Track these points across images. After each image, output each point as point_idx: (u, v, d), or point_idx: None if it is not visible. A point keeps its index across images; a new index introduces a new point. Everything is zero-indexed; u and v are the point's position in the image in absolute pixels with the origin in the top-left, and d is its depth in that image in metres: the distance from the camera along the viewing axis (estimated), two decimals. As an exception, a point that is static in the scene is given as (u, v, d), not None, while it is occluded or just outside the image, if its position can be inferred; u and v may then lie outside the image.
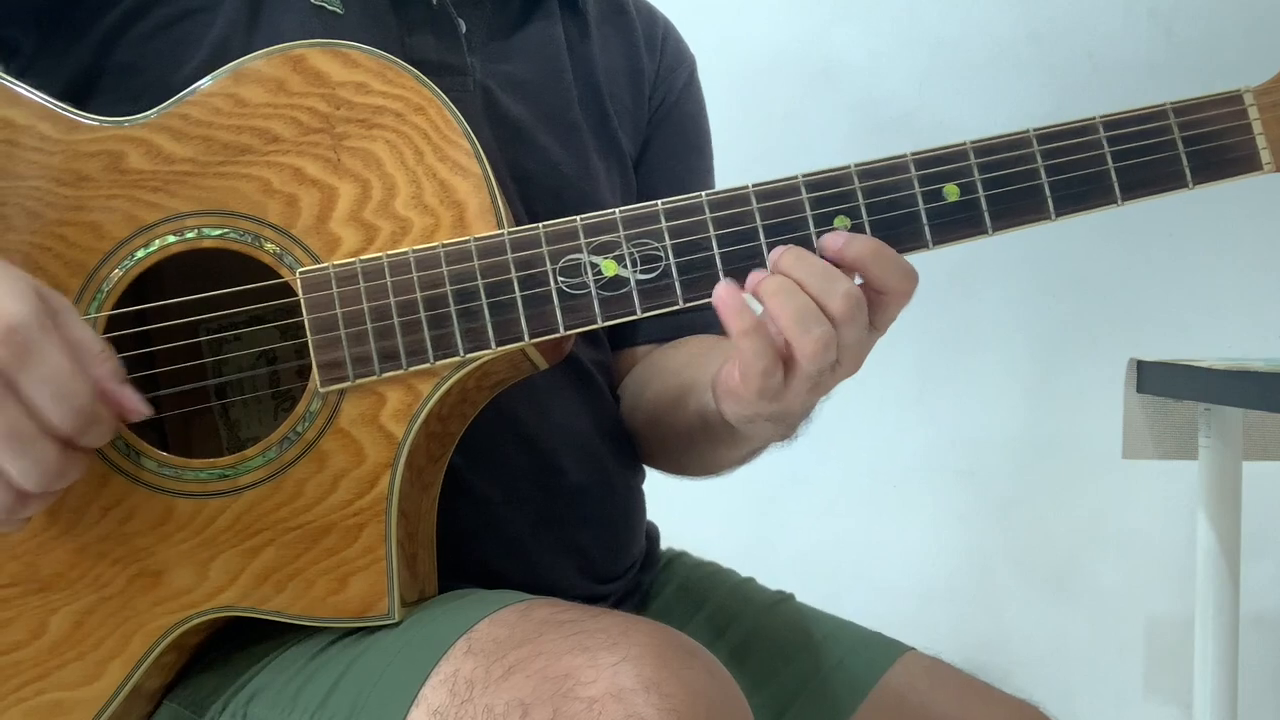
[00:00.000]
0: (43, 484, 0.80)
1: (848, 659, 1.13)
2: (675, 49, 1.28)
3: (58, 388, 0.79)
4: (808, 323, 0.85)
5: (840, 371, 0.89)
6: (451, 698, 0.79)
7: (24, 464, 0.79)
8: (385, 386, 0.89)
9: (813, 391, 0.89)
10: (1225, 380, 1.66)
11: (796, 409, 0.92)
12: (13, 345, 0.77)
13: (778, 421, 0.94)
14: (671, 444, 1.15)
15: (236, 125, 0.91)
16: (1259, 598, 2.25)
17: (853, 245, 0.87)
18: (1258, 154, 0.89)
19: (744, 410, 0.91)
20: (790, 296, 0.85)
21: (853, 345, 0.87)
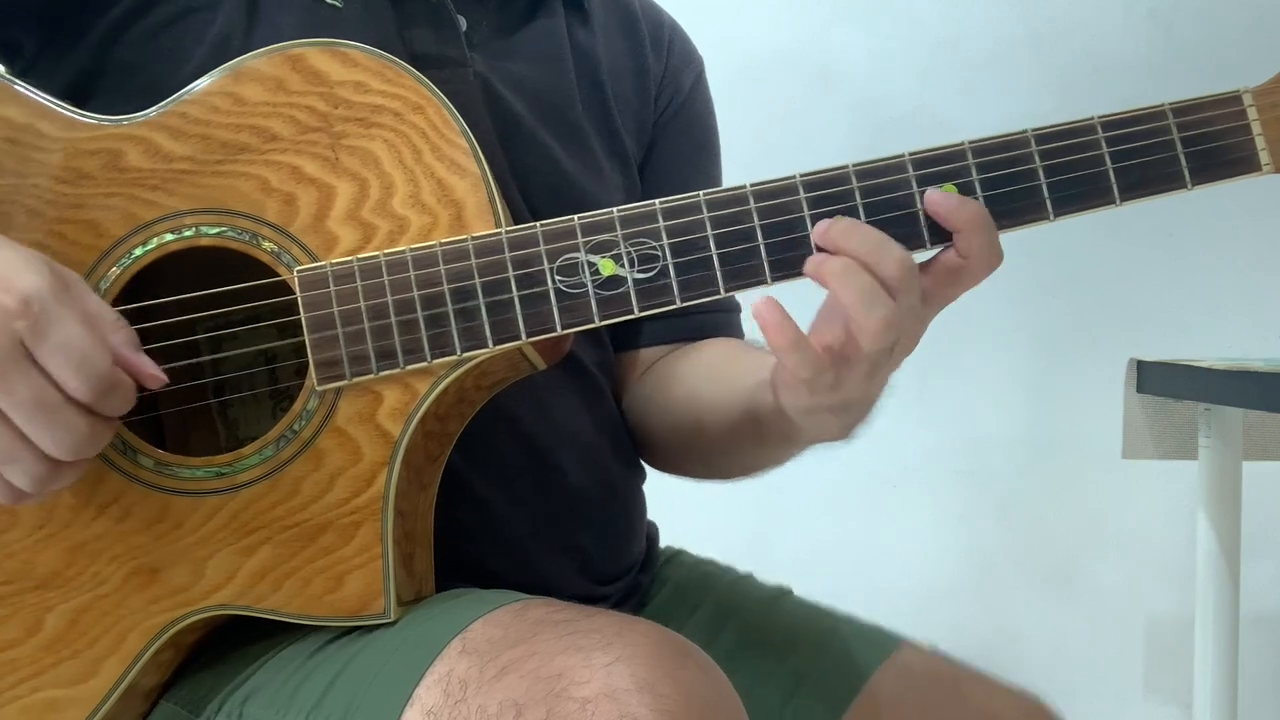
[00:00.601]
0: (75, 451, 0.81)
1: (846, 651, 1.13)
2: (682, 49, 1.27)
3: (76, 355, 0.80)
4: (873, 304, 0.85)
5: (898, 352, 0.89)
6: (445, 698, 0.79)
7: (55, 433, 0.80)
8: (382, 385, 0.89)
9: (871, 376, 0.89)
10: (1225, 380, 1.66)
11: (857, 397, 0.91)
12: (30, 316, 0.79)
13: (839, 413, 0.93)
14: (708, 446, 1.14)
15: (235, 124, 0.91)
16: (1259, 598, 2.25)
17: (967, 207, 0.87)
18: (1256, 155, 0.89)
19: (803, 402, 0.91)
20: (854, 277, 0.85)
21: (908, 318, 0.87)
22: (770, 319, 0.85)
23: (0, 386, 0.79)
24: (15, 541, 0.90)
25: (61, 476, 0.83)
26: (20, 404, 0.79)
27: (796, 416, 0.94)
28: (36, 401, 0.79)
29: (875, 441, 1.08)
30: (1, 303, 0.79)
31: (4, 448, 0.81)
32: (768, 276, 0.88)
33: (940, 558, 2.37)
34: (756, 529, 2.28)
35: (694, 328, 1.21)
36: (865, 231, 0.87)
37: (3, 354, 0.79)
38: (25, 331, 0.79)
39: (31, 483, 0.82)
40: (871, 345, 0.86)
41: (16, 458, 0.81)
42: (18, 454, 0.81)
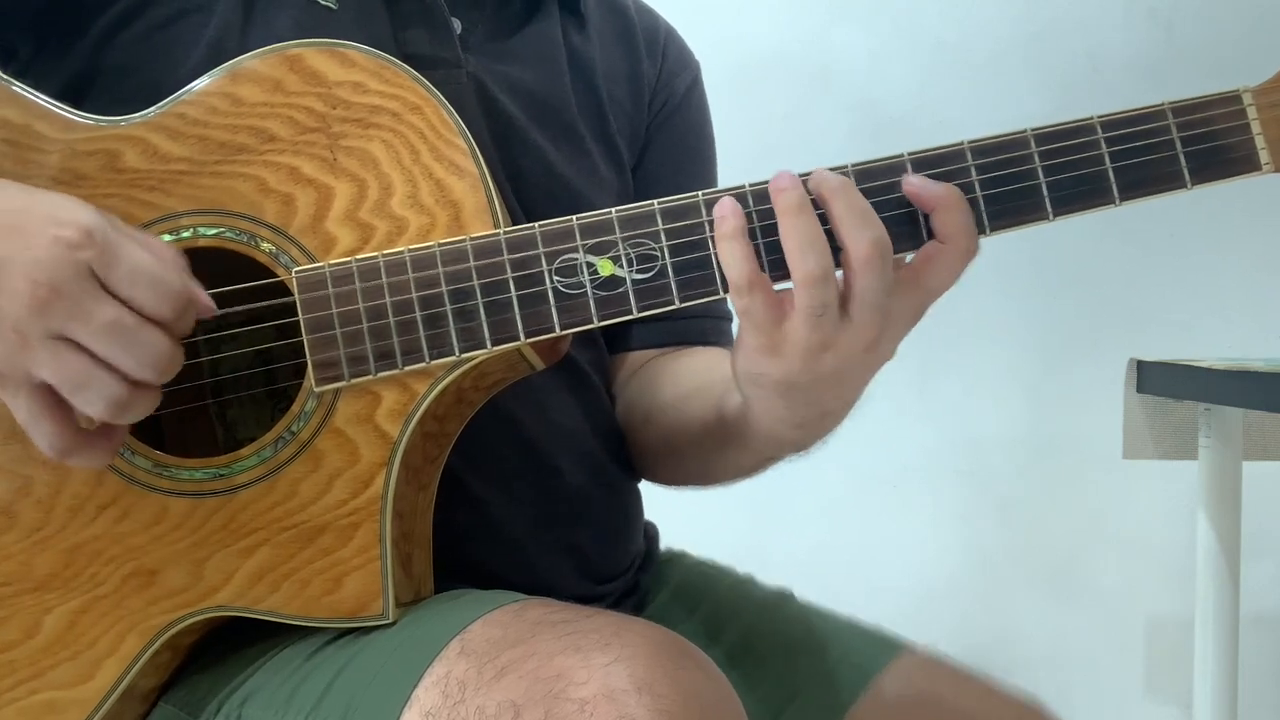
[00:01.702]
0: (158, 368, 0.82)
1: (846, 655, 1.12)
2: (678, 54, 1.27)
3: (149, 276, 0.81)
4: (809, 250, 0.83)
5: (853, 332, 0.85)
6: (444, 699, 0.79)
7: (138, 351, 0.81)
8: (381, 386, 0.89)
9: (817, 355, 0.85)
10: (1225, 380, 1.66)
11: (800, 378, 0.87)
12: (95, 246, 0.80)
13: (785, 396, 0.90)
14: (678, 447, 1.13)
15: (233, 124, 0.91)
16: (1259, 598, 2.25)
17: (941, 186, 0.86)
18: (1256, 154, 0.88)
19: (750, 365, 0.89)
20: (803, 219, 0.84)
21: (870, 304, 0.84)
22: (727, 208, 0.86)
23: (77, 315, 0.79)
24: (13, 543, 0.90)
25: (136, 404, 0.83)
26: (99, 330, 0.80)
27: (743, 384, 0.92)
28: (115, 325, 0.80)
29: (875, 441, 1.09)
30: (64, 237, 0.79)
31: (79, 371, 0.80)
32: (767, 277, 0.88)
33: (940, 558, 2.37)
34: (756, 529, 2.28)
35: (682, 332, 1.21)
36: (854, 199, 0.85)
37: (75, 283, 0.79)
38: (94, 260, 0.80)
39: (108, 407, 0.81)
40: (803, 299, 0.84)
41: (93, 380, 0.81)
42: (93, 379, 0.81)
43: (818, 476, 2.25)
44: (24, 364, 0.80)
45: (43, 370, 0.80)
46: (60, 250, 0.79)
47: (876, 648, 1.14)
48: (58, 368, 0.80)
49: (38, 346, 0.80)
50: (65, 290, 0.79)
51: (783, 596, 1.22)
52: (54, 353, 0.80)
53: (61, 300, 0.79)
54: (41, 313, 0.79)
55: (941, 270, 0.87)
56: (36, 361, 0.80)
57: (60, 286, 0.79)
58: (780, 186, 0.86)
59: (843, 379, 0.89)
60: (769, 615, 1.18)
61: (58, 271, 0.79)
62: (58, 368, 0.80)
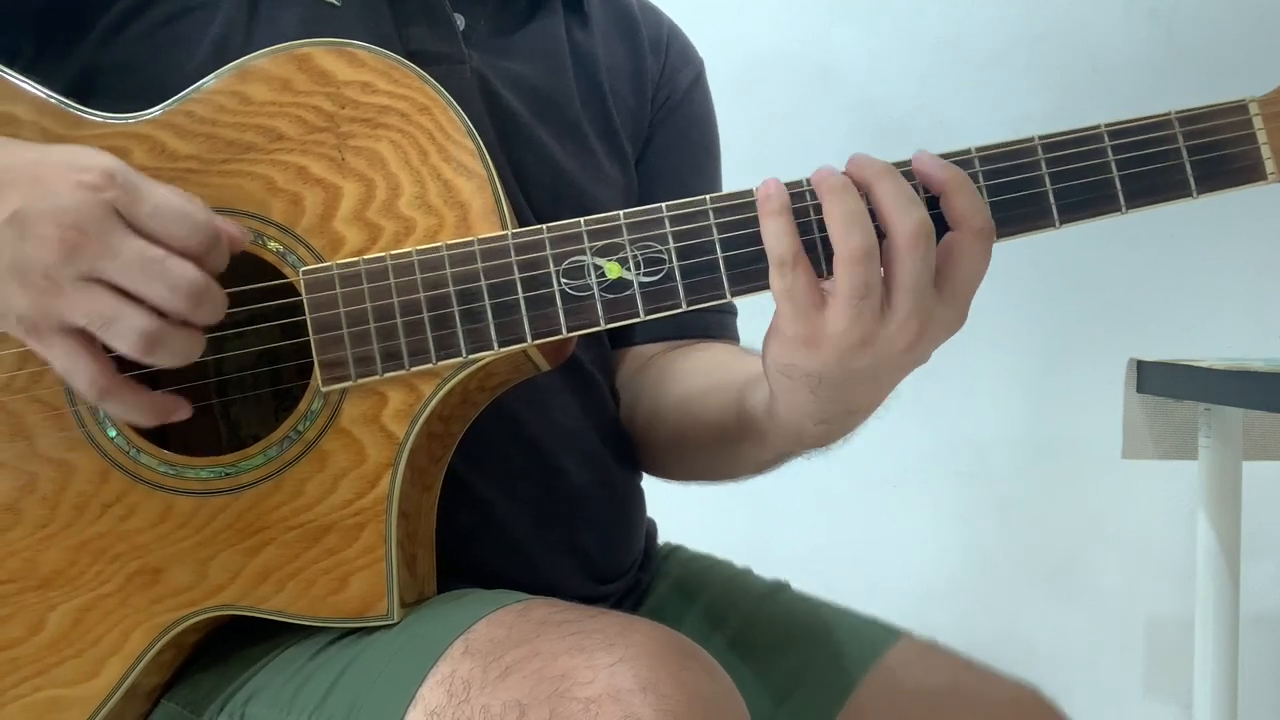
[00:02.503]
0: (190, 298, 0.82)
1: (844, 644, 1.13)
2: (681, 50, 1.28)
3: (176, 211, 0.82)
4: (853, 225, 0.82)
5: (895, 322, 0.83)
6: (449, 698, 0.79)
7: (170, 281, 0.81)
8: (387, 386, 0.89)
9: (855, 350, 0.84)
10: (1225, 380, 1.66)
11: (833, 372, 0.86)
12: (117, 186, 0.81)
13: (815, 390, 0.88)
14: (690, 443, 1.13)
15: (241, 123, 0.91)
16: (1259, 598, 2.25)
17: (948, 168, 0.86)
18: (1262, 164, 0.88)
19: (783, 355, 0.87)
20: (847, 196, 0.84)
21: (913, 290, 0.83)
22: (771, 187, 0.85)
23: (106, 253, 0.80)
24: (18, 540, 0.90)
25: (170, 340, 0.83)
26: (130, 264, 0.80)
27: (772, 374, 0.90)
28: (144, 257, 0.80)
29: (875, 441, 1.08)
30: (85, 180, 0.80)
31: (110, 308, 0.81)
32: (773, 280, 0.88)
33: (940, 558, 2.37)
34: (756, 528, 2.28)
35: (688, 326, 1.20)
36: (899, 182, 0.84)
37: (102, 223, 0.80)
38: (118, 199, 0.80)
39: (140, 340, 0.81)
40: (844, 283, 0.82)
41: (124, 314, 0.81)
42: (125, 311, 0.81)
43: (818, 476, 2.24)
44: (57, 310, 0.81)
45: (75, 313, 0.81)
46: (84, 194, 0.80)
47: (875, 635, 1.14)
48: (89, 305, 0.81)
49: (69, 290, 0.80)
50: (92, 231, 0.80)
51: (780, 587, 1.22)
52: (85, 291, 0.80)
53: (90, 241, 0.79)
54: (71, 256, 0.79)
55: (964, 257, 0.85)
56: (69, 305, 0.81)
57: (87, 228, 0.79)
58: (824, 172, 0.85)
59: (876, 378, 0.88)
60: (768, 605, 1.18)
61: (84, 214, 0.80)
62: (89, 305, 0.81)
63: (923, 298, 0.83)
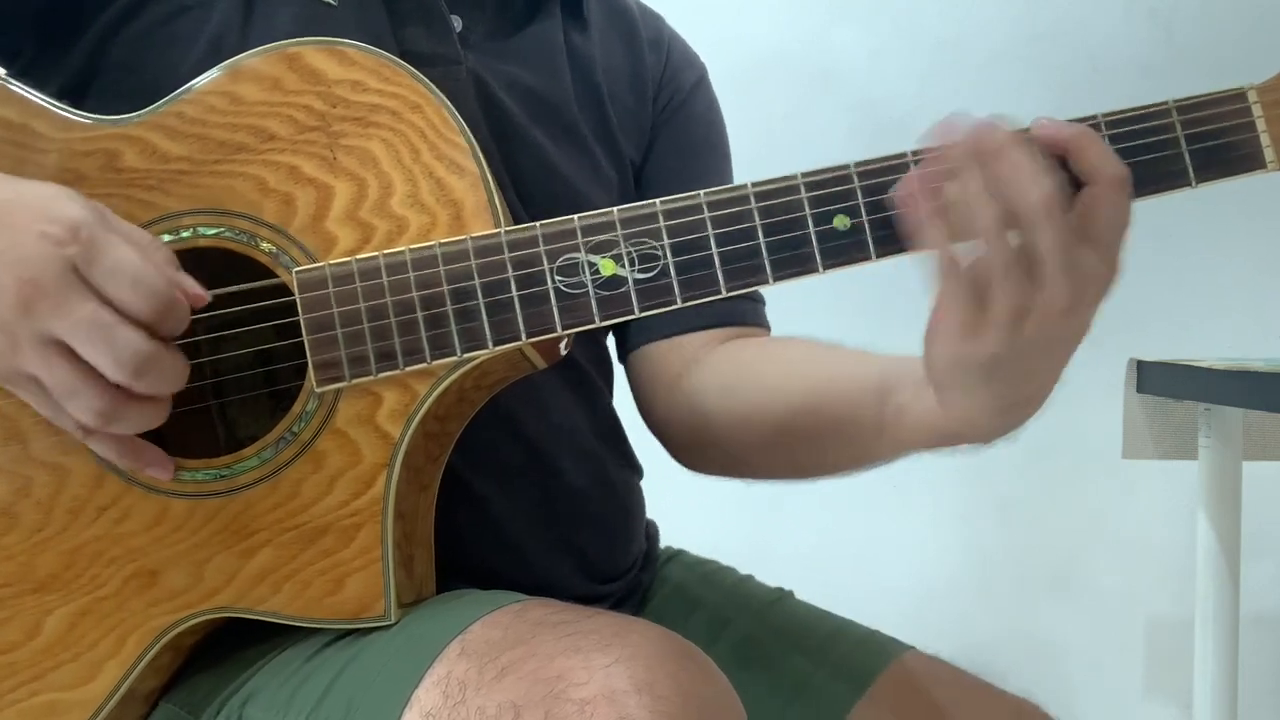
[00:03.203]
0: (133, 368, 0.81)
1: (846, 657, 1.13)
2: (682, 53, 1.28)
3: (131, 275, 0.81)
4: (988, 198, 0.79)
5: (1045, 300, 0.81)
6: (444, 699, 0.79)
7: (112, 350, 0.80)
8: (382, 386, 0.89)
9: (1019, 323, 0.81)
10: (1225, 380, 1.66)
11: (1006, 351, 0.83)
12: (80, 242, 0.80)
13: (990, 377, 0.87)
14: (806, 436, 1.07)
15: (232, 123, 0.91)
16: (1259, 598, 2.25)
17: (1071, 126, 0.83)
18: (1261, 152, 0.88)
19: (952, 350, 0.85)
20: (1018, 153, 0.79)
21: (1055, 249, 0.79)
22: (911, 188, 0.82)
23: (58, 312, 0.79)
24: (14, 544, 0.90)
25: (126, 413, 0.83)
26: (78, 325, 0.80)
27: (938, 373, 0.88)
28: (95, 322, 0.80)
29: (875, 441, 1.07)
30: (49, 232, 0.80)
31: (66, 381, 0.81)
32: (769, 276, 0.88)
33: (940, 558, 2.37)
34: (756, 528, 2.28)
35: (726, 313, 1.18)
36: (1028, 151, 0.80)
37: (59, 280, 0.79)
38: (78, 257, 0.80)
39: (95, 417, 0.82)
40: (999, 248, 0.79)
41: (78, 390, 0.81)
42: (79, 388, 0.81)
43: (817, 476, 2.25)
44: (19, 364, 0.81)
45: (37, 371, 0.81)
46: (46, 247, 0.79)
47: (877, 649, 1.14)
48: (48, 373, 0.81)
49: (27, 348, 0.80)
50: (48, 287, 0.79)
51: (783, 596, 1.22)
52: (43, 356, 0.81)
53: (45, 298, 0.79)
54: (27, 311, 0.79)
55: (1105, 207, 0.82)
56: (28, 363, 0.81)
57: (44, 283, 0.79)
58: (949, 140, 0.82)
59: (1048, 349, 0.86)
60: (770, 615, 1.18)
61: (42, 268, 0.79)
62: (48, 373, 0.81)
63: (1068, 253, 0.80)
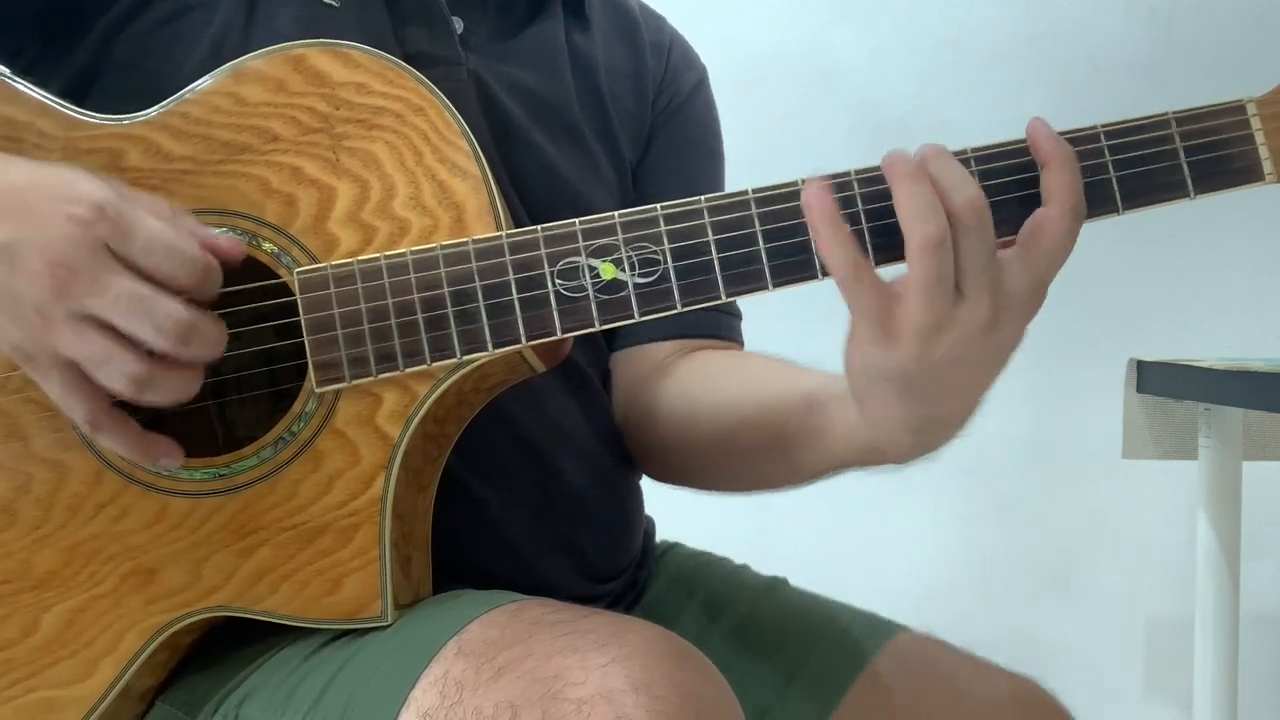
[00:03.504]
0: (177, 336, 0.81)
1: (842, 638, 1.13)
2: (683, 55, 1.28)
3: (165, 245, 0.82)
4: (928, 215, 0.81)
5: (964, 315, 0.82)
6: (441, 699, 0.79)
7: (154, 319, 0.81)
8: (381, 387, 0.89)
9: (931, 337, 0.83)
10: (1225, 380, 1.66)
11: (916, 365, 0.84)
12: (108, 220, 0.80)
13: (902, 392, 0.87)
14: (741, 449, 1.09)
15: (236, 124, 0.91)
16: (1259, 598, 2.25)
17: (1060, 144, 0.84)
18: (1260, 164, 0.88)
19: (863, 359, 0.86)
20: (920, 183, 0.82)
21: (977, 269, 0.81)
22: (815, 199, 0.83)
23: (95, 290, 0.80)
24: (12, 541, 0.90)
25: (162, 381, 0.83)
26: (117, 301, 0.80)
27: (854, 380, 0.89)
28: (132, 295, 0.80)
29: (875, 442, 1.08)
30: (75, 214, 0.80)
31: (100, 349, 0.81)
32: (769, 282, 0.88)
33: (940, 557, 2.37)
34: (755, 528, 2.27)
35: (697, 324, 1.19)
36: (950, 163, 0.83)
37: (92, 260, 0.80)
38: (109, 235, 0.80)
39: (129, 383, 0.82)
40: (918, 271, 0.81)
41: (114, 357, 0.81)
42: (115, 353, 0.81)
43: (817, 475, 2.25)
44: (49, 343, 0.81)
45: (68, 349, 0.81)
46: (74, 228, 0.80)
47: (872, 629, 1.14)
48: (81, 345, 0.81)
49: (61, 326, 0.80)
50: (82, 268, 0.80)
51: (777, 582, 1.22)
52: (76, 331, 0.81)
53: (79, 278, 0.79)
54: (61, 293, 0.79)
55: (1051, 233, 0.83)
56: (61, 340, 0.81)
57: (76, 265, 0.79)
58: (894, 158, 0.84)
59: (962, 367, 0.86)
60: (766, 599, 1.19)
61: (73, 250, 0.80)
62: (81, 345, 0.81)
63: (987, 273, 0.82)
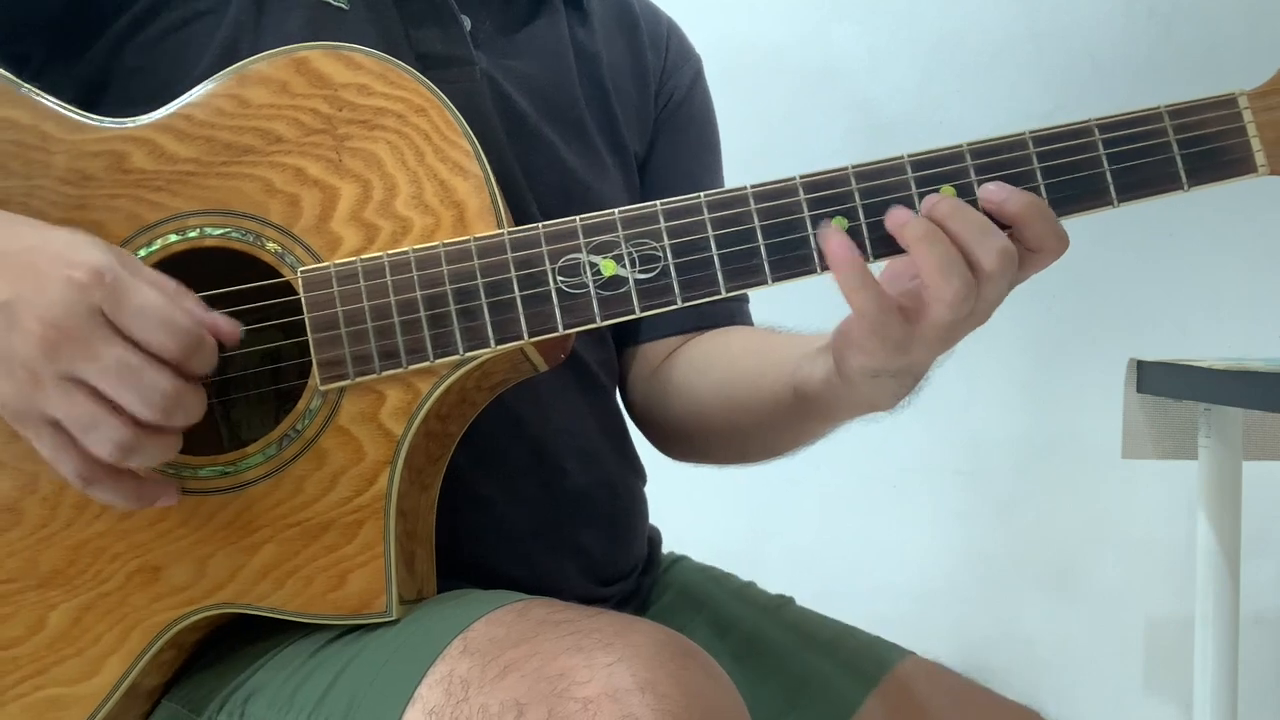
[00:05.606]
0: (162, 408, 0.81)
1: (848, 663, 1.13)
2: (680, 47, 1.28)
3: (159, 316, 0.81)
4: (950, 272, 0.85)
5: (971, 323, 0.90)
6: (447, 697, 0.79)
7: (140, 391, 0.81)
8: (385, 385, 0.90)
9: (943, 342, 0.90)
10: (1225, 380, 1.66)
11: (923, 363, 0.93)
12: (104, 286, 0.80)
13: (901, 376, 0.94)
14: (745, 427, 1.14)
15: (239, 126, 0.92)
16: (1259, 598, 2.25)
17: (1015, 200, 0.88)
18: (1252, 156, 0.89)
19: (872, 363, 0.91)
20: (937, 244, 0.86)
21: (992, 300, 0.89)
22: (840, 252, 0.87)
23: (85, 355, 0.80)
24: (18, 540, 0.90)
25: (143, 448, 0.83)
26: (107, 369, 0.80)
27: (860, 380, 0.94)
28: (121, 364, 0.80)
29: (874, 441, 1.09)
30: (74, 278, 0.80)
31: (87, 414, 0.81)
32: (768, 277, 0.89)
33: (940, 558, 2.37)
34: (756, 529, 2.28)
35: (704, 315, 1.20)
36: (970, 215, 0.87)
37: (86, 325, 0.80)
38: (104, 301, 0.80)
39: (115, 450, 0.82)
40: (948, 314, 0.87)
41: (100, 423, 0.81)
42: (101, 420, 0.81)
43: (817, 476, 2.25)
44: (38, 403, 0.81)
45: (55, 410, 0.81)
46: (71, 291, 0.80)
47: (879, 654, 1.14)
48: (68, 408, 0.81)
49: (49, 386, 0.80)
50: (74, 332, 0.80)
51: (784, 602, 1.22)
52: (64, 393, 0.81)
53: (70, 342, 0.80)
54: (52, 354, 0.80)
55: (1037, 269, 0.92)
56: (49, 401, 0.81)
57: (69, 328, 0.79)
58: (902, 220, 0.87)
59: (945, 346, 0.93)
60: (772, 620, 1.18)
61: (68, 313, 0.80)
62: (68, 408, 0.81)
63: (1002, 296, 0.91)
